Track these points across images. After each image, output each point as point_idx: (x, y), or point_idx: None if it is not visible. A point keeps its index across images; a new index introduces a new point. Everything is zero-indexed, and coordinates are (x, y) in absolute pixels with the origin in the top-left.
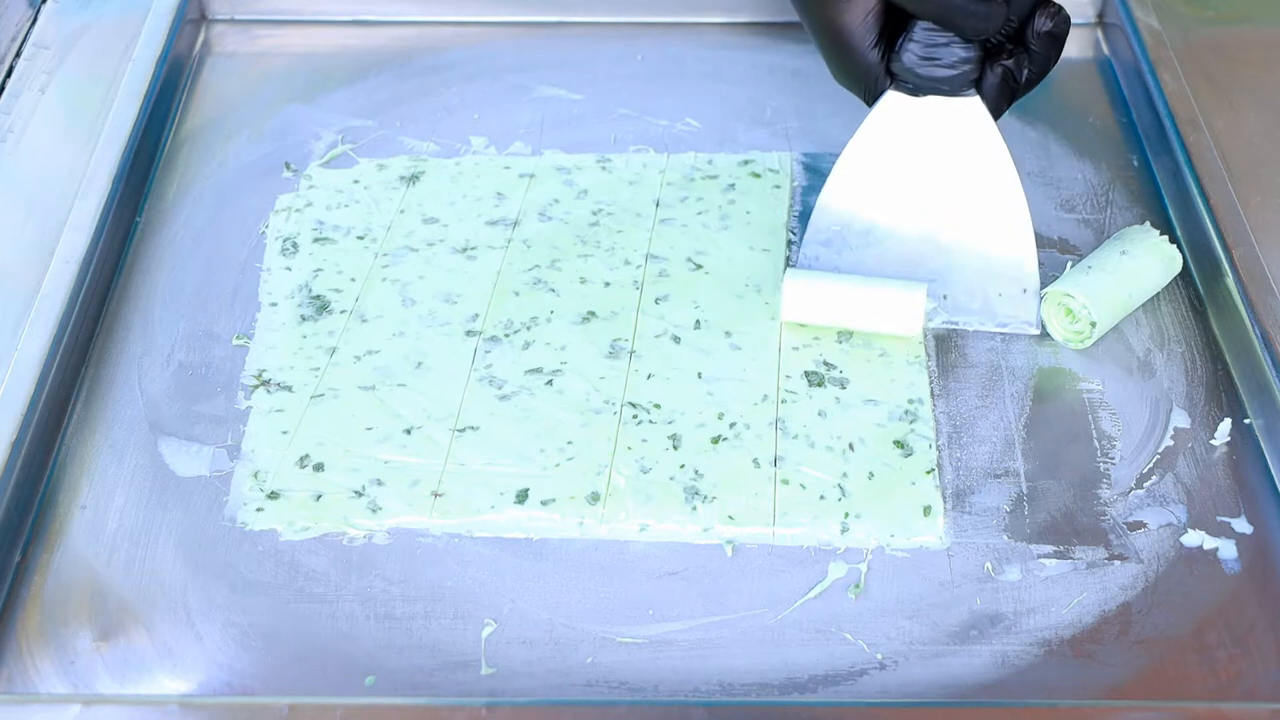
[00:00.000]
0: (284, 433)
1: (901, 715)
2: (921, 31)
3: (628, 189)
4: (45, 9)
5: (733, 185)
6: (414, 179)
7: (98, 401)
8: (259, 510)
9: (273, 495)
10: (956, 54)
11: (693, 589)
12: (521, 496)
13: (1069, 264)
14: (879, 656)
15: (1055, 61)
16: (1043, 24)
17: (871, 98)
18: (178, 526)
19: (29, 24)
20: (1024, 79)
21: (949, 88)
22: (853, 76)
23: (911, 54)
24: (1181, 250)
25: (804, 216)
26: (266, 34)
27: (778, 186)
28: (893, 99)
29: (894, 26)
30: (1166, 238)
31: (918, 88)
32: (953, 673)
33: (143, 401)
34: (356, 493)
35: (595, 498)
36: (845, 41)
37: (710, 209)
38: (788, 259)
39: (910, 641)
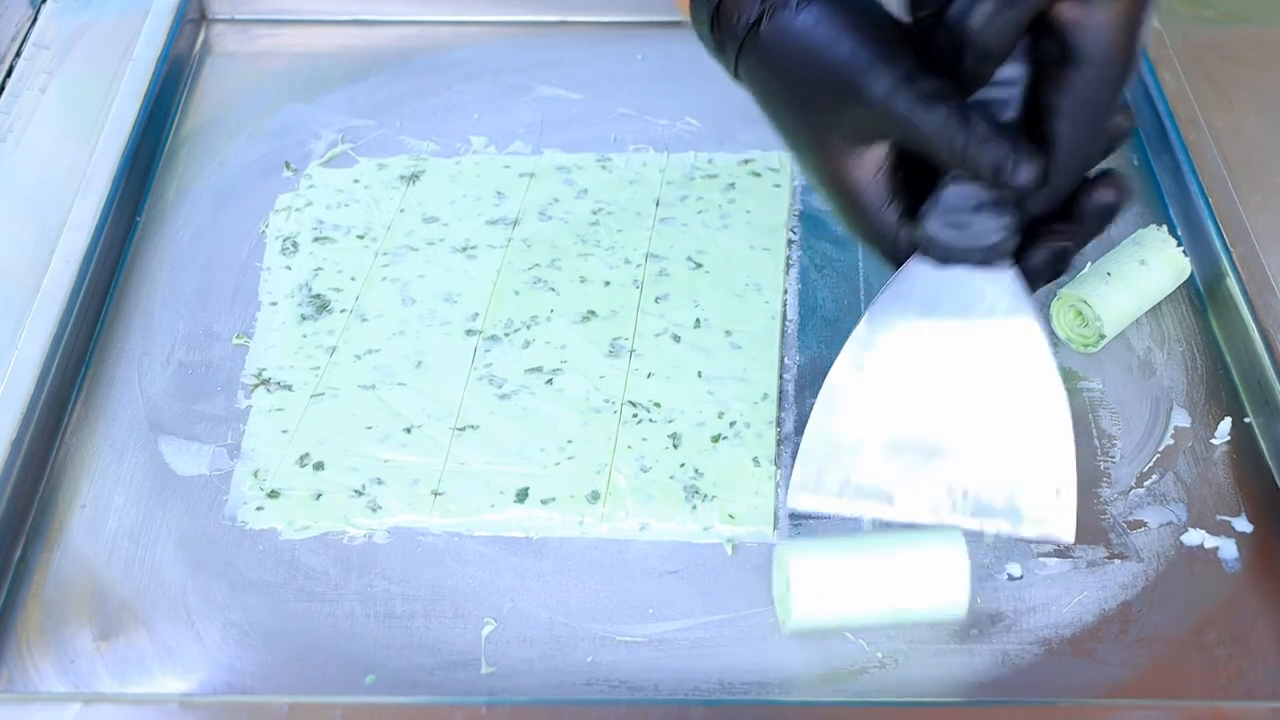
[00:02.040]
0: (284, 432)
1: (902, 714)
2: (953, 191)
3: (628, 188)
4: (45, 9)
5: (733, 184)
6: (414, 178)
7: (98, 401)
8: (259, 509)
9: (273, 494)
10: (992, 220)
11: (693, 588)
12: (521, 495)
13: (1086, 264)
14: (879, 655)
15: (1102, 234)
16: (1105, 196)
17: (895, 260)
18: (178, 526)
19: (29, 24)
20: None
21: (982, 258)
22: (868, 239)
23: (938, 218)
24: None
25: (804, 216)
26: (266, 34)
27: (778, 186)
28: (916, 267)
29: (920, 180)
30: (1182, 249)
31: (946, 255)
32: (953, 671)
33: (143, 401)
34: (356, 492)
35: (595, 496)
36: (856, 200)
37: (710, 208)
38: (787, 259)
39: (910, 640)
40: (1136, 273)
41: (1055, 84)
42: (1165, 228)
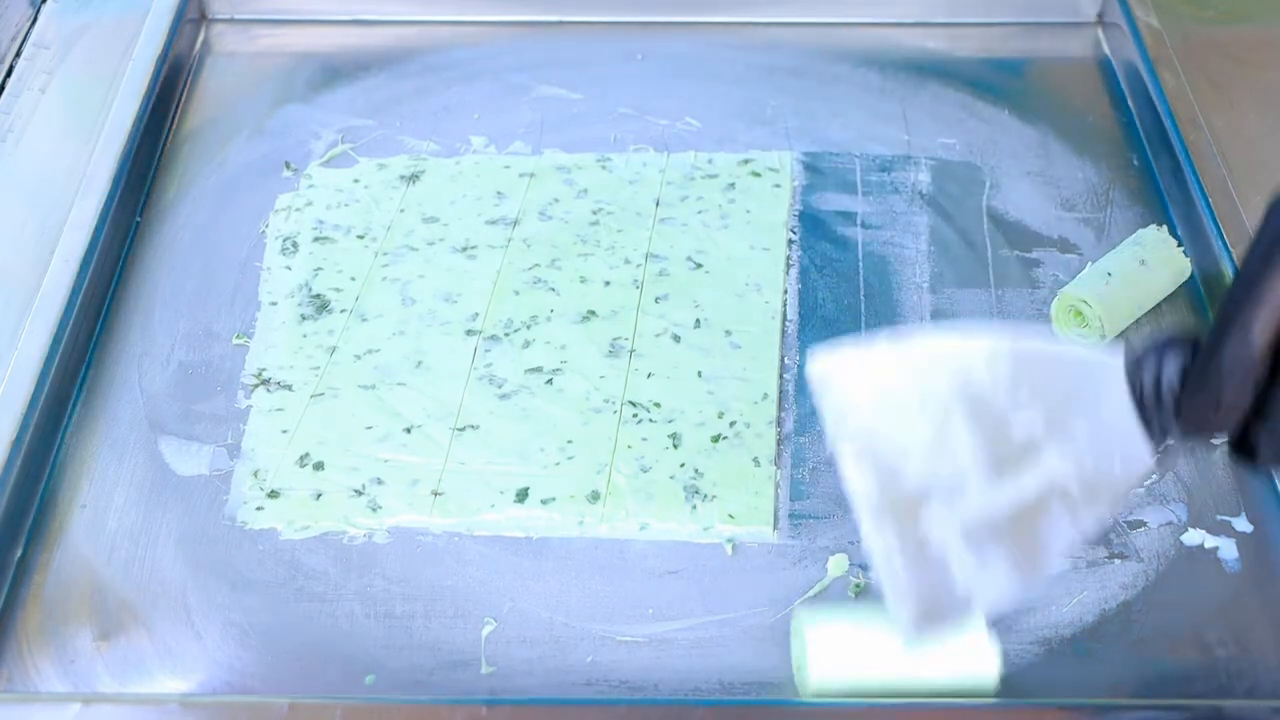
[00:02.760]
0: (284, 431)
1: (902, 714)
2: None
3: (628, 188)
4: (45, 9)
5: (733, 184)
6: (414, 178)
7: (98, 401)
8: (259, 509)
9: (273, 494)
10: None
11: (693, 588)
12: (521, 495)
13: (1087, 264)
14: None
15: None
16: None
17: None
18: (178, 525)
19: (29, 24)
20: None
21: None
22: None
23: None
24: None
25: (804, 215)
26: (266, 34)
27: (778, 185)
28: None
29: None
30: (1182, 249)
31: None
32: None
33: (143, 400)
34: (356, 491)
35: (595, 496)
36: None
37: (710, 208)
38: (787, 259)
39: None
40: (1137, 273)
41: None
42: (1165, 228)
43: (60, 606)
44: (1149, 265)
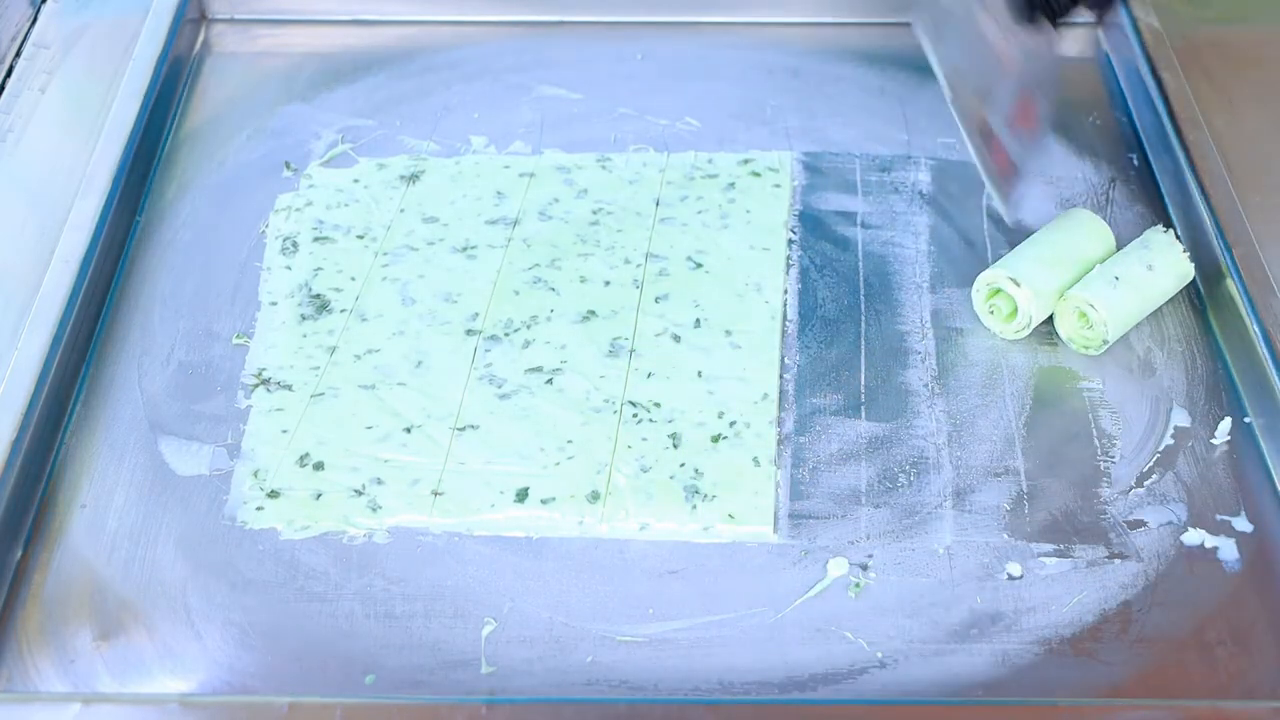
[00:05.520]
0: (284, 431)
1: (902, 714)
2: None
3: (628, 188)
4: (45, 9)
5: (733, 184)
6: (414, 178)
7: (98, 401)
8: (259, 509)
9: (273, 494)
10: None
11: (693, 588)
12: (521, 495)
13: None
14: (879, 655)
15: None
16: None
17: None
18: (178, 525)
19: (29, 24)
20: None
21: None
22: None
23: None
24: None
25: (804, 215)
26: (266, 34)
27: (778, 185)
28: None
29: None
30: (1188, 254)
31: None
32: (953, 671)
33: (143, 400)
34: (356, 491)
35: (595, 496)
36: None
37: (710, 208)
38: (787, 259)
39: (910, 640)
40: (1143, 277)
41: None
42: (1171, 231)
43: (60, 606)
44: (1155, 270)
